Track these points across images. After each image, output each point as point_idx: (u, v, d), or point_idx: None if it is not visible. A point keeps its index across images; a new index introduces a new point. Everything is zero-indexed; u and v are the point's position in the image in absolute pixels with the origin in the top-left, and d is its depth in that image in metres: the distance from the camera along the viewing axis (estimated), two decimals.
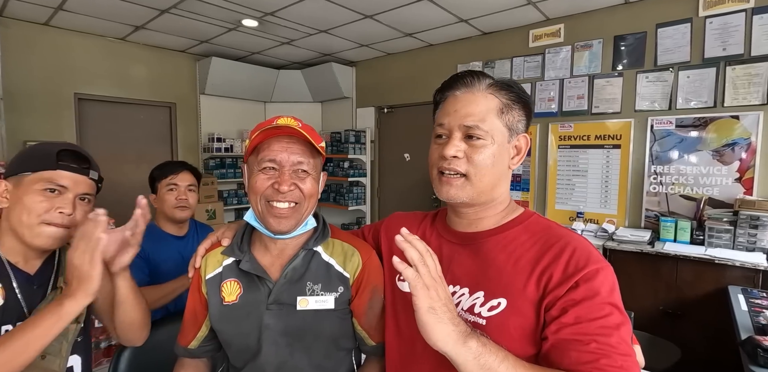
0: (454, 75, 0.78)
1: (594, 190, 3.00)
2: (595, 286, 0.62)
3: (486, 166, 0.72)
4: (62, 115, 3.46)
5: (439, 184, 0.75)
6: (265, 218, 0.80)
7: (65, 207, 0.83)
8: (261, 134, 0.79)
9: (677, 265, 2.29)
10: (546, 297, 0.65)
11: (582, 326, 0.60)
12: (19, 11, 3.04)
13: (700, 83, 2.58)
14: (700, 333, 2.21)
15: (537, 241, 0.71)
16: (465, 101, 0.73)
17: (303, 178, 0.81)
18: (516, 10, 2.96)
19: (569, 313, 0.61)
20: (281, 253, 0.86)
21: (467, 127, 0.72)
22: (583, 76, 3.02)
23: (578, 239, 0.71)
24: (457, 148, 0.72)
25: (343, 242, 0.90)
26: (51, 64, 3.38)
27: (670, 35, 2.66)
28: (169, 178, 1.57)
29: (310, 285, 0.83)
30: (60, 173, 0.84)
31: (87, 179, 0.89)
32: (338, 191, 4.37)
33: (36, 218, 0.80)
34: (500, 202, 0.78)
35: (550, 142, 3.17)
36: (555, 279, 0.65)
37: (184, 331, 0.91)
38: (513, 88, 0.76)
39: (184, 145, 4.24)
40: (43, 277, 0.86)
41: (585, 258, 0.66)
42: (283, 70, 4.64)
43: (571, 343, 0.59)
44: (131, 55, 3.82)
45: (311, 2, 2.84)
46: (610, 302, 0.62)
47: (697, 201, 2.58)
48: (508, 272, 0.70)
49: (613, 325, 0.60)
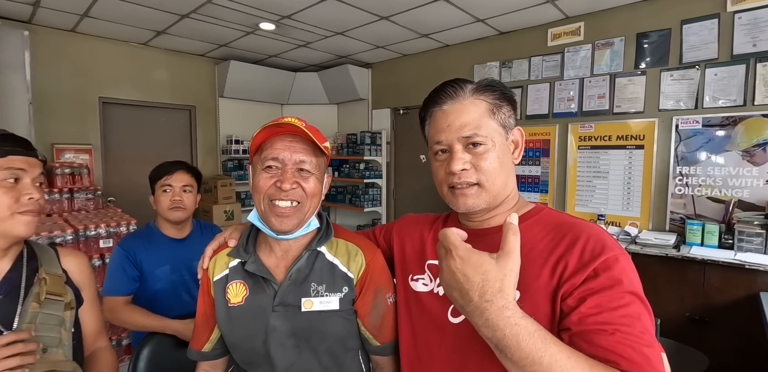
0: (434, 89, 0.77)
1: (616, 192, 2.92)
2: (615, 274, 0.60)
3: (495, 170, 0.72)
4: (87, 119, 3.57)
5: (453, 198, 0.74)
6: (268, 217, 0.80)
7: (32, 192, 0.80)
8: (264, 132, 0.79)
9: (704, 270, 2.20)
10: (562, 286, 0.63)
11: (604, 316, 0.57)
12: (47, 18, 3.15)
13: (728, 81, 2.48)
14: (728, 341, 2.12)
15: (549, 231, 0.70)
16: (455, 113, 0.73)
17: (306, 177, 0.81)
18: (534, 9, 2.91)
19: (587, 302, 0.59)
20: (286, 254, 0.86)
21: (466, 137, 0.71)
22: (604, 75, 2.95)
23: (592, 227, 0.69)
24: (462, 160, 0.71)
25: (347, 242, 0.89)
26: (77, 69, 3.49)
27: (696, 32, 2.57)
28: (164, 178, 1.52)
29: (315, 286, 0.83)
30: (11, 158, 0.79)
31: (36, 161, 0.84)
32: (354, 193, 4.38)
33: (7, 210, 0.77)
34: (511, 198, 0.78)
35: (569, 142, 3.10)
36: (570, 267, 0.63)
37: (197, 335, 0.91)
38: (496, 87, 0.75)
39: (203, 147, 4.32)
40: (9, 285, 0.81)
41: (600, 245, 0.64)
42: (299, 73, 4.68)
43: (594, 333, 0.57)
44: (153, 59, 3.93)
45: (327, 5, 2.86)
46: (631, 291, 0.60)
47: (726, 203, 2.48)
48: (521, 265, 0.68)
49: (636, 315, 0.58)
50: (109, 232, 2.30)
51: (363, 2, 2.82)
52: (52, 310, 0.83)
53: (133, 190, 3.83)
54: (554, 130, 3.16)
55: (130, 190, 3.81)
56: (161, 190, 1.52)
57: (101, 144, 3.64)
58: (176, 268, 1.53)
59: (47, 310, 0.82)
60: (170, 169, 1.53)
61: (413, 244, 0.87)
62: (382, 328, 0.86)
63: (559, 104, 3.15)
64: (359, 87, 4.45)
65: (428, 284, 0.80)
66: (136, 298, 1.50)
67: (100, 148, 3.63)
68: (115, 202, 3.49)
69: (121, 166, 3.81)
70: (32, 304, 0.80)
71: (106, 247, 2.24)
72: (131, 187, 3.83)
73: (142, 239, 1.54)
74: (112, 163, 3.75)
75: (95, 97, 3.60)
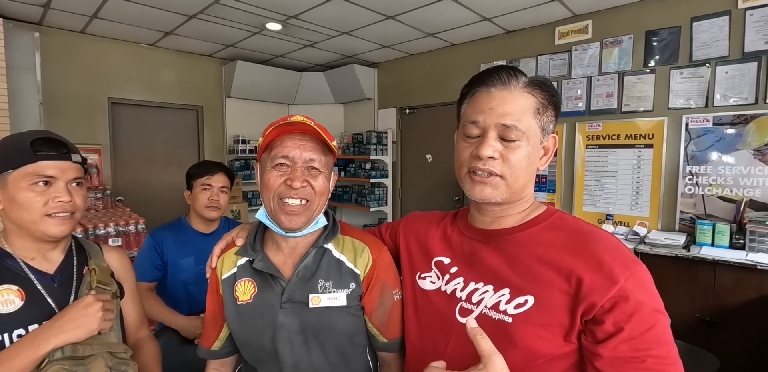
0: (487, 69, 0.74)
1: (624, 192, 2.89)
2: (642, 294, 0.61)
3: (521, 168, 0.70)
4: (96, 119, 3.61)
5: (471, 183, 0.72)
6: (277, 215, 0.81)
7: (61, 195, 0.81)
8: (275, 130, 0.79)
9: (715, 271, 2.17)
10: (582, 301, 0.62)
11: (636, 341, 0.59)
12: (57, 20, 3.19)
13: (740, 79, 2.44)
14: (740, 343, 2.08)
15: (562, 237, 0.69)
16: (501, 99, 0.70)
17: (315, 175, 0.82)
18: (541, 7, 2.89)
19: (625, 330, 0.59)
20: (293, 251, 0.86)
21: (504, 126, 0.68)
22: (612, 74, 2.92)
23: (607, 237, 0.68)
24: (493, 148, 0.68)
25: (354, 239, 0.89)
26: (87, 70, 3.53)
27: (706, 29, 2.53)
28: (205, 178, 1.62)
29: (322, 282, 0.83)
30: (42, 164, 0.80)
31: (71, 164, 0.84)
32: (360, 192, 4.38)
33: (37, 214, 0.79)
34: (526, 200, 0.76)
35: (577, 142, 3.08)
36: (589, 282, 0.62)
37: (206, 333, 0.92)
38: (549, 88, 0.72)
39: (210, 147, 4.35)
40: (62, 274, 0.87)
41: (620, 260, 0.63)
42: (306, 73, 4.69)
43: (628, 362, 0.59)
44: (161, 60, 3.96)
45: (333, 4, 2.86)
46: (656, 308, 0.61)
47: (737, 203, 2.44)
48: (533, 269, 0.68)
49: (662, 332, 0.60)
50: (117, 231, 2.33)
51: (369, 2, 2.82)
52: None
53: (141, 190, 3.87)
54: (562, 130, 3.13)
55: (138, 190, 3.84)
56: (200, 188, 1.61)
57: (110, 144, 3.68)
58: (200, 260, 1.59)
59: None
60: (212, 170, 1.63)
61: (420, 241, 0.87)
62: (389, 325, 0.86)
63: (567, 103, 3.12)
64: (365, 87, 4.45)
65: (435, 282, 0.80)
66: (164, 286, 1.60)
67: (109, 148, 3.67)
68: (124, 201, 3.52)
69: (130, 166, 3.85)
70: (85, 292, 0.85)
71: (114, 245, 2.27)
72: (139, 186, 3.87)
73: (172, 231, 1.64)
74: (121, 163, 3.79)
75: (104, 97, 3.64)
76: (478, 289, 0.73)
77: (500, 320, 0.67)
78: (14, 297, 0.79)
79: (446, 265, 0.80)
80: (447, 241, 0.83)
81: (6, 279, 0.79)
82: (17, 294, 0.79)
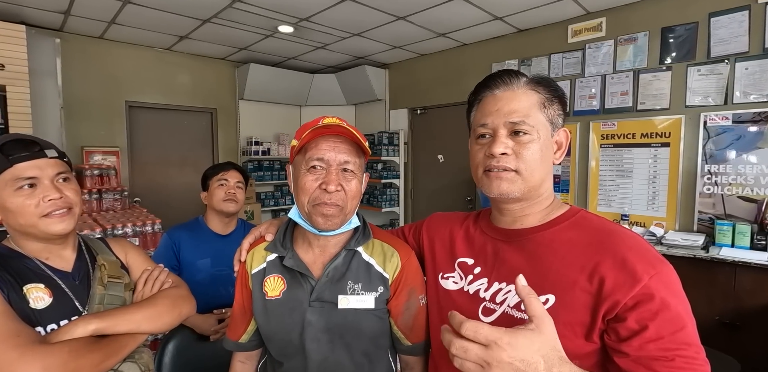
0: (489, 75, 0.77)
1: (640, 192, 2.84)
2: (668, 294, 0.60)
3: (535, 161, 0.71)
4: (114, 122, 3.70)
5: (488, 181, 0.73)
6: (313, 217, 0.81)
7: (50, 194, 0.80)
8: (311, 133, 0.80)
9: (735, 272, 2.11)
10: (604, 300, 0.62)
11: (665, 341, 0.59)
12: (77, 26, 3.28)
13: (760, 75, 2.38)
14: (762, 347, 2.03)
15: (586, 237, 0.69)
16: (506, 99, 0.72)
17: (349, 179, 0.82)
18: (554, 5, 2.86)
19: (650, 328, 0.59)
20: (323, 250, 0.88)
21: (513, 123, 0.70)
22: (627, 72, 2.87)
23: (632, 236, 0.67)
24: (505, 145, 0.70)
25: (383, 242, 0.90)
26: (105, 75, 3.62)
27: (725, 24, 2.48)
28: (221, 174, 1.68)
29: (351, 284, 0.84)
30: (18, 167, 0.78)
31: (48, 160, 0.82)
32: (372, 193, 4.39)
33: (33, 217, 0.80)
34: (546, 198, 0.76)
35: (591, 141, 3.03)
36: (612, 281, 0.62)
37: (234, 326, 0.94)
38: (551, 84, 0.75)
39: (224, 149, 4.41)
40: (80, 272, 0.89)
41: (645, 259, 0.63)
42: (317, 75, 4.73)
43: (656, 361, 0.58)
44: (176, 63, 4.04)
45: (344, 6, 2.88)
46: (684, 309, 0.61)
47: (758, 203, 2.37)
48: (555, 268, 0.68)
49: (691, 334, 0.60)
50: (135, 231, 2.38)
51: (380, 3, 2.83)
52: (115, 291, 0.92)
53: (158, 191, 3.95)
54: (576, 129, 3.09)
55: (155, 191, 3.92)
56: (217, 184, 1.66)
57: (127, 146, 3.76)
58: (217, 262, 1.61)
59: (111, 292, 0.91)
60: (226, 167, 1.72)
61: (443, 242, 0.88)
62: (414, 329, 0.87)
63: (581, 102, 3.08)
64: (376, 87, 4.46)
65: (458, 282, 0.81)
66: None
67: (127, 150, 3.76)
68: (141, 202, 3.60)
69: (146, 168, 3.94)
70: (98, 288, 0.89)
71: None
72: (156, 187, 3.95)
73: (189, 231, 1.66)
74: (138, 165, 3.88)
75: (122, 101, 3.73)
76: (502, 289, 0.73)
77: (522, 319, 0.68)
78: (43, 294, 0.81)
79: (470, 266, 0.80)
80: (470, 242, 0.83)
81: (31, 278, 0.82)
82: (46, 291, 0.82)
